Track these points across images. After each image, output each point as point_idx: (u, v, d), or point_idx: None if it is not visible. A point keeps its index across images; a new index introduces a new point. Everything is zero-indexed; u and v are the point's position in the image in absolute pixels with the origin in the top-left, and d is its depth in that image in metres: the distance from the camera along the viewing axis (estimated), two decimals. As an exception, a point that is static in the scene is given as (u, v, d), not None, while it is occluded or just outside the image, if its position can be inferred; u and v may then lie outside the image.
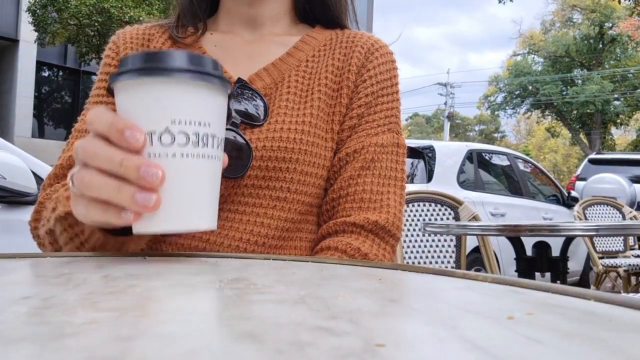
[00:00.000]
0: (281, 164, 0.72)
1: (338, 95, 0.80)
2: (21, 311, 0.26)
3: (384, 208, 0.76)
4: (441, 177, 4.14)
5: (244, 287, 0.34)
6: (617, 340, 0.22)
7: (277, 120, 0.75)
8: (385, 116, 0.81)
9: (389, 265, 0.45)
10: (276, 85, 0.79)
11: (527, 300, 0.31)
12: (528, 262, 2.44)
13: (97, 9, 11.19)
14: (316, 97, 0.78)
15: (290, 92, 0.78)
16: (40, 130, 15.31)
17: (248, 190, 0.72)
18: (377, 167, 0.77)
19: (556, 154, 38.34)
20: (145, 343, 0.21)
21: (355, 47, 0.83)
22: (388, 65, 0.84)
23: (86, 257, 0.50)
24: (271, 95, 0.78)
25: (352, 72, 0.81)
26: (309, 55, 0.83)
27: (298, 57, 0.83)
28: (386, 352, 0.20)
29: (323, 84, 0.80)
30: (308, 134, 0.75)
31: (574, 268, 4.49)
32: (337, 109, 0.79)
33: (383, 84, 0.82)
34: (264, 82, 0.79)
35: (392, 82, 0.84)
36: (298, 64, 0.81)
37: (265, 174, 0.72)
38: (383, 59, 0.84)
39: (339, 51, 0.83)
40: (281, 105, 0.76)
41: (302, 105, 0.77)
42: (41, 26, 11.69)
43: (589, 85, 24.65)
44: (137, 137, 0.42)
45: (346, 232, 0.74)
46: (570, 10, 27.99)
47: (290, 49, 0.83)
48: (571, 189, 7.20)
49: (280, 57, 0.82)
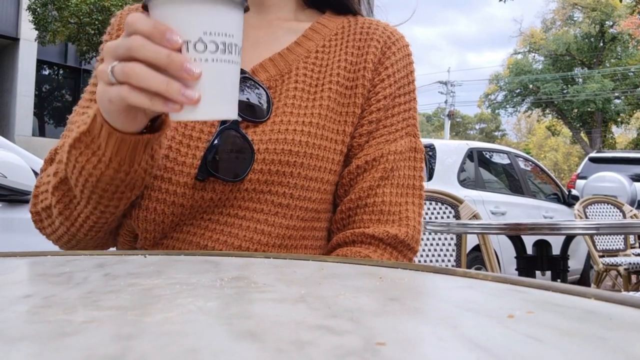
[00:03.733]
0: (284, 168, 0.68)
1: (352, 94, 0.75)
2: (22, 310, 0.27)
3: (403, 221, 0.73)
4: (442, 175, 4.14)
5: (244, 285, 0.34)
6: (618, 338, 0.22)
7: (282, 120, 0.70)
8: (402, 119, 0.77)
9: (390, 264, 0.45)
10: (282, 78, 0.74)
11: (528, 299, 0.31)
12: (528, 260, 2.43)
13: (97, 7, 11.18)
14: (326, 94, 0.73)
15: (297, 88, 0.73)
16: (40, 128, 15.30)
17: (248, 195, 0.69)
18: (395, 176, 0.74)
19: (557, 152, 38.31)
20: (145, 342, 0.21)
21: (371, 41, 0.77)
22: (405, 60, 0.79)
23: (87, 256, 0.50)
24: (276, 88, 0.73)
25: (369, 70, 0.76)
26: (319, 46, 0.77)
27: (307, 47, 0.77)
28: (387, 350, 0.20)
29: (334, 80, 0.74)
30: (315, 136, 0.70)
31: (574, 267, 4.48)
32: (350, 109, 0.74)
33: (400, 82, 0.78)
34: (268, 74, 0.74)
35: (409, 79, 0.80)
36: (307, 55, 0.76)
37: (267, 178, 0.68)
38: (400, 54, 0.79)
39: (353, 44, 0.77)
40: (287, 102, 0.72)
41: (309, 103, 0.72)
42: (41, 25, 11.68)
43: (590, 84, 24.62)
44: (176, 39, 0.48)
45: (364, 243, 0.71)
46: (571, 9, 27.95)
47: (300, 37, 0.78)
48: (572, 187, 7.19)
49: (288, 47, 0.77)
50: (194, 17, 0.50)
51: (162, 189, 0.68)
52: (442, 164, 4.22)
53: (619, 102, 25.44)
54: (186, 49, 0.50)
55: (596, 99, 24.30)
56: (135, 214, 0.70)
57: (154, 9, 0.51)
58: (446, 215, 2.31)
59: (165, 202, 0.68)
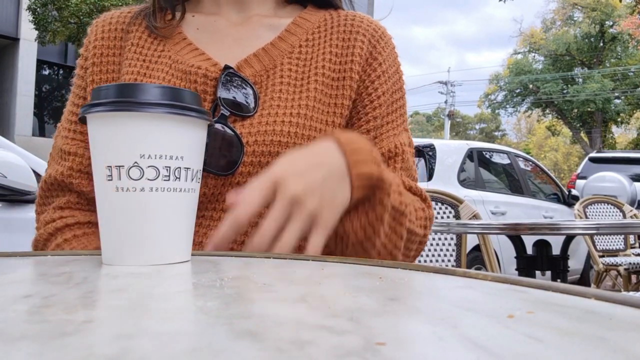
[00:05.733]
0: (274, 159, 0.65)
1: (339, 85, 0.75)
2: (22, 310, 0.26)
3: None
4: (442, 175, 4.14)
5: (244, 285, 0.34)
6: (618, 338, 0.22)
7: (270, 113, 0.70)
8: (400, 115, 0.79)
9: (390, 264, 0.45)
10: (267, 73, 0.74)
11: (528, 299, 0.31)
12: (528, 260, 2.44)
13: (97, 7, 11.18)
14: (312, 86, 0.73)
15: (283, 82, 0.73)
16: (40, 128, 15.30)
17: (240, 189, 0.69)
18: (408, 167, 0.77)
19: (557, 152, 38.30)
20: (145, 342, 0.21)
21: (357, 35, 0.77)
22: (393, 55, 0.80)
23: (87, 256, 0.50)
24: (262, 83, 0.73)
25: (356, 63, 0.75)
26: (302, 40, 0.77)
27: (291, 41, 0.77)
28: (387, 350, 0.20)
29: (320, 72, 0.74)
30: (303, 126, 0.70)
31: (574, 267, 4.48)
32: (338, 101, 0.74)
33: (394, 78, 0.79)
34: (253, 69, 0.74)
35: (399, 74, 0.81)
36: (291, 50, 0.76)
37: (257, 170, 0.68)
38: (388, 48, 0.79)
39: (337, 36, 0.77)
40: (274, 96, 0.72)
41: (296, 95, 0.72)
42: (41, 24, 11.68)
43: (590, 84, 24.62)
44: None
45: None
46: (571, 9, 27.96)
47: (282, 32, 0.78)
48: (572, 187, 7.19)
49: (272, 42, 0.77)
50: (127, 137, 0.43)
51: None
52: (442, 164, 4.22)
53: (619, 102, 25.45)
54: (118, 176, 0.43)
55: (596, 99, 24.31)
56: None
57: (90, 124, 0.45)
58: (446, 215, 2.31)
59: None
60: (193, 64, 0.73)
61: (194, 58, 0.75)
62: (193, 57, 0.75)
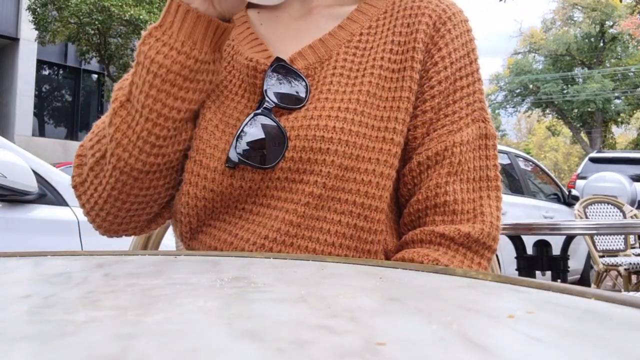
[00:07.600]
0: (317, 156, 0.63)
1: (400, 77, 0.67)
2: (22, 310, 0.26)
3: (478, 217, 0.66)
4: (442, 175, 4.13)
5: (244, 285, 0.34)
6: (618, 338, 0.22)
7: (317, 107, 0.66)
8: (466, 104, 0.69)
9: (390, 264, 0.45)
10: (321, 65, 0.69)
11: (528, 299, 0.31)
12: (528, 260, 2.44)
13: (97, 7, 11.19)
14: (367, 80, 0.67)
15: (335, 74, 0.68)
16: (40, 128, 15.31)
17: (281, 184, 0.65)
18: (464, 170, 0.67)
19: (557, 152, 38.30)
20: (145, 341, 0.21)
21: (422, 17, 0.69)
22: (464, 37, 0.71)
23: (87, 256, 0.50)
24: (314, 75, 0.69)
25: (419, 50, 0.68)
26: (365, 27, 0.71)
27: (351, 29, 0.71)
28: (387, 350, 0.20)
29: (378, 65, 0.68)
30: (352, 122, 0.64)
31: (574, 267, 4.48)
32: (398, 94, 0.67)
33: (460, 63, 0.69)
34: (306, 61, 0.70)
35: (470, 58, 0.71)
36: (350, 38, 0.70)
37: (299, 166, 0.64)
38: (457, 30, 0.70)
39: (402, 21, 0.70)
40: (324, 88, 0.67)
41: (348, 89, 0.67)
42: (41, 24, 11.69)
43: (590, 84, 24.62)
44: None
45: (433, 243, 0.64)
46: (571, 9, 27.95)
47: (344, 20, 0.72)
48: (572, 187, 7.19)
49: (331, 32, 0.71)
50: None
51: (195, 172, 0.68)
52: (442, 164, 4.21)
53: (619, 102, 25.45)
54: None
55: (596, 99, 24.31)
56: (178, 199, 0.70)
57: None
58: (446, 215, 2.31)
59: (198, 186, 0.67)
60: (247, 56, 0.71)
61: (250, 49, 0.73)
62: (250, 48, 0.74)
